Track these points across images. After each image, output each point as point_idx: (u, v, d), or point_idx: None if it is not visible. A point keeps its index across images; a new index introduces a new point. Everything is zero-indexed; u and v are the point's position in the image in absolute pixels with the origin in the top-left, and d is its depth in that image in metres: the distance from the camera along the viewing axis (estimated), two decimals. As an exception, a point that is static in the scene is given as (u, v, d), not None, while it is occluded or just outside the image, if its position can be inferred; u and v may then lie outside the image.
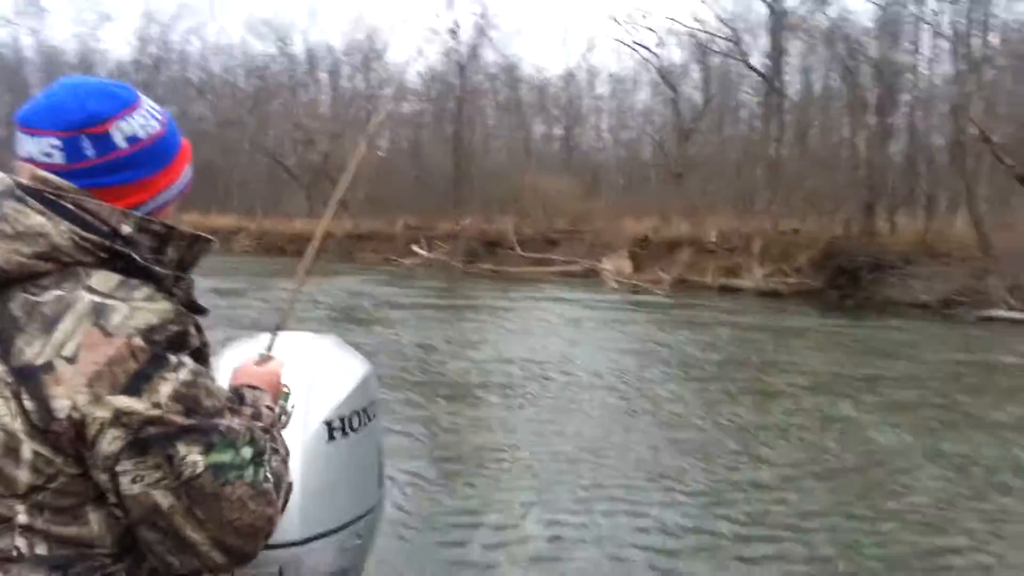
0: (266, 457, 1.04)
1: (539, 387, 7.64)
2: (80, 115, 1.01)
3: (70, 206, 0.97)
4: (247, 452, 1.00)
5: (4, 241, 0.94)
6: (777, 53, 28.18)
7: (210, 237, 1.12)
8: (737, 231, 23.26)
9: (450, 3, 37.43)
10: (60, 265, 0.95)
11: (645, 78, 39.61)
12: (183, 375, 0.95)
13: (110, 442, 0.91)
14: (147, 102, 1.10)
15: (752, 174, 29.19)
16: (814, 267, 19.92)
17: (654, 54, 34.59)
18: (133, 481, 0.93)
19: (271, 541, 1.44)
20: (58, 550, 0.94)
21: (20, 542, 0.93)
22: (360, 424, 1.70)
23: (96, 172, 1.01)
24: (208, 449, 0.96)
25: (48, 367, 0.91)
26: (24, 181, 0.98)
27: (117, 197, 1.02)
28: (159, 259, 1.03)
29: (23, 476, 0.92)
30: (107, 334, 0.92)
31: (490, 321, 13.06)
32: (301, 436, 1.57)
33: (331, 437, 1.63)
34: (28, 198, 0.96)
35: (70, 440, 0.92)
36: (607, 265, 23.00)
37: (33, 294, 0.94)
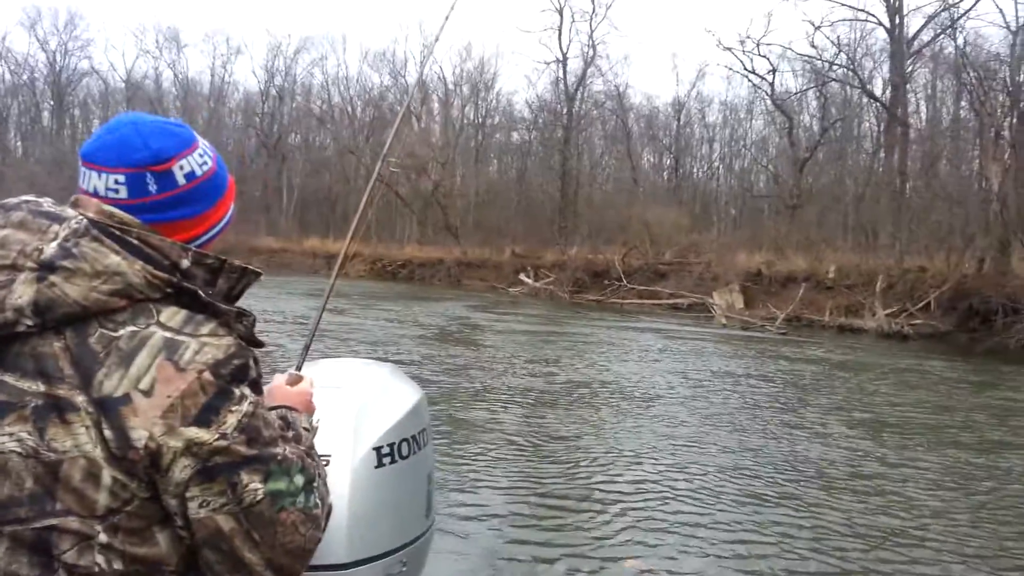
0: (316, 484, 1.12)
1: (641, 416, 7.50)
2: (145, 153, 1.08)
3: (135, 241, 1.05)
4: (299, 480, 1.08)
5: (84, 279, 1.00)
6: (900, 80, 27.01)
7: (258, 270, 1.19)
8: (857, 267, 22.26)
9: (559, 32, 37.74)
10: (132, 301, 1.02)
11: (759, 107, 38.83)
12: (246, 407, 1.03)
13: (181, 470, 0.99)
14: (202, 142, 1.17)
15: (874, 207, 27.90)
16: (942, 308, 18.79)
17: (768, 82, 33.86)
18: (200, 506, 1.01)
19: (319, 562, 1.45)
20: (131, 567, 1.01)
21: (100, 559, 1.00)
22: (410, 452, 1.71)
23: (159, 208, 1.09)
24: (267, 478, 1.04)
25: (126, 399, 0.98)
26: (92, 216, 1.05)
27: (175, 231, 1.11)
28: (208, 290, 1.10)
29: (102, 499, 0.99)
30: (179, 369, 1.00)
31: (594, 349, 12.98)
32: (350, 461, 1.60)
33: (380, 463, 1.64)
34: (105, 238, 1.03)
35: (145, 468, 0.99)
36: (717, 299, 22.46)
37: (109, 329, 1.01)
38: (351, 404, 1.68)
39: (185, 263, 1.08)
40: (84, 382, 0.99)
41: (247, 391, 1.05)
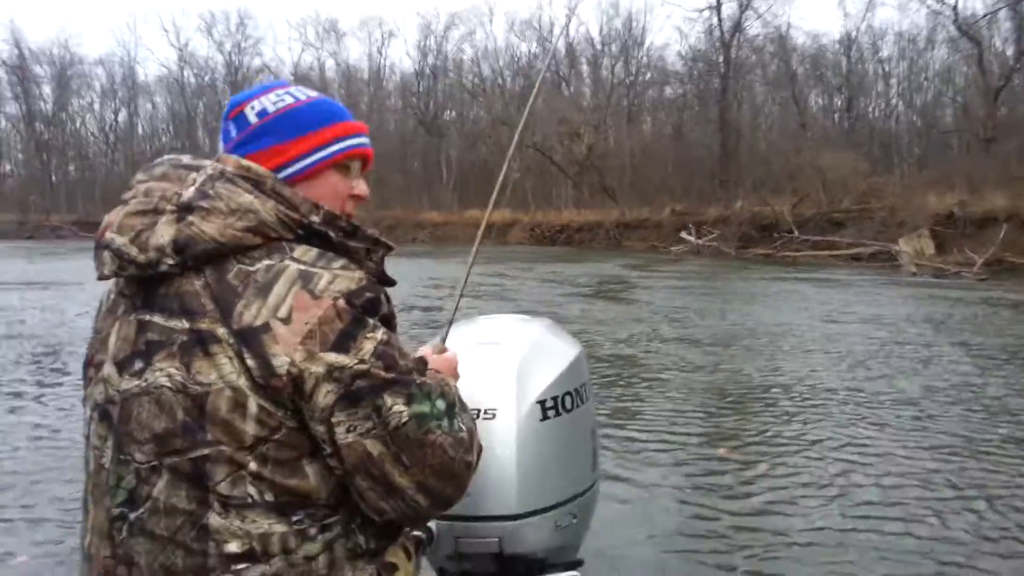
0: (457, 409, 1.11)
1: (835, 389, 6.85)
2: (227, 107, 1.20)
3: (269, 191, 1.09)
4: (441, 404, 1.08)
5: (220, 217, 1.04)
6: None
7: (391, 244, 1.20)
8: (1071, 201, 19.73)
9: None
10: (266, 239, 1.06)
11: (941, 35, 35.15)
12: (380, 335, 1.05)
13: (325, 395, 1.00)
14: (297, 89, 1.21)
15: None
16: None
17: (950, 5, 30.48)
18: (347, 431, 1.02)
19: (490, 513, 1.53)
20: (283, 498, 1.02)
21: (252, 490, 1.01)
22: (573, 405, 1.69)
23: (238, 147, 1.15)
24: (410, 400, 1.04)
25: (266, 327, 1.00)
26: (230, 168, 1.10)
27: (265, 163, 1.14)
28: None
29: (250, 428, 1.00)
30: (315, 297, 1.02)
31: (767, 308, 12.21)
32: (516, 415, 1.60)
33: (544, 417, 1.63)
34: (238, 179, 1.08)
35: (289, 394, 1.00)
36: (904, 246, 20.62)
37: (246, 265, 1.04)
38: (512, 359, 1.66)
39: (315, 218, 1.10)
40: (225, 315, 1.01)
41: (379, 323, 1.06)
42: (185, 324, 1.03)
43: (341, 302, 1.02)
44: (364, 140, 1.24)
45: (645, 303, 13.16)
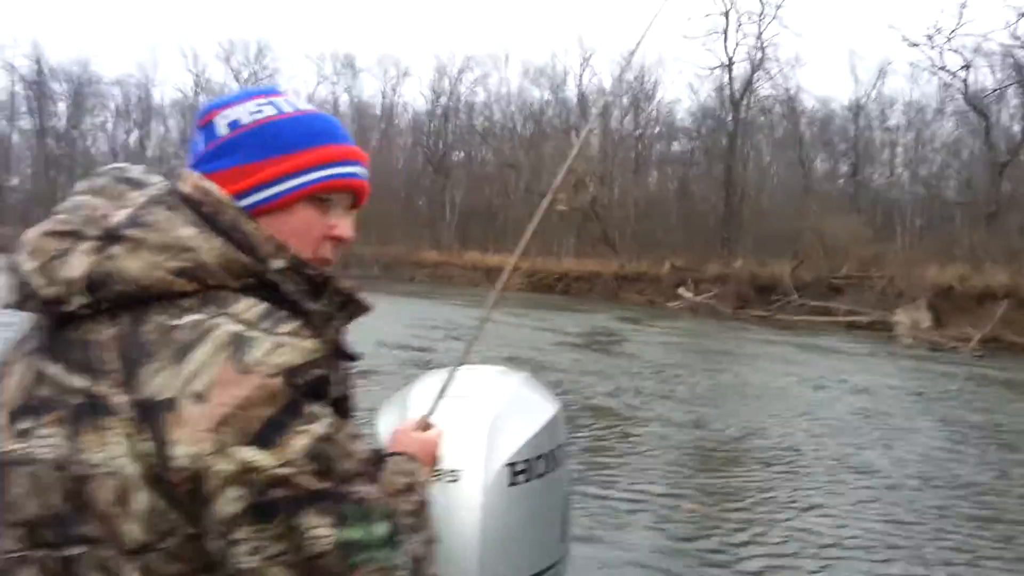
0: (402, 537, 0.87)
1: (812, 456, 6.62)
2: (199, 113, 0.98)
3: (226, 222, 0.88)
4: (381, 529, 0.84)
5: (149, 252, 0.83)
6: None
7: (368, 304, 0.98)
8: (1072, 282, 19.54)
9: (725, 36, 36.33)
10: (202, 286, 0.84)
11: (950, 107, 35.40)
12: (320, 428, 0.81)
13: (229, 502, 0.78)
14: (285, 99, 0.98)
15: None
16: None
17: (961, 79, 30.73)
18: (251, 553, 0.79)
19: None
20: None
21: None
22: (547, 469, 1.58)
23: (201, 163, 0.94)
24: (340, 522, 0.81)
25: (171, 404, 0.78)
26: (186, 189, 0.90)
27: (226, 186, 0.92)
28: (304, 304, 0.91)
29: (135, 530, 0.79)
30: (244, 371, 0.79)
31: (756, 371, 12.01)
32: (482, 478, 1.48)
33: (514, 481, 1.52)
34: (182, 207, 0.87)
35: (187, 493, 0.78)
36: (901, 317, 20.41)
37: (170, 316, 0.82)
38: (483, 416, 1.56)
39: (277, 263, 0.88)
40: (128, 378, 0.80)
41: (324, 410, 0.83)
42: (83, 383, 0.81)
43: (277, 380, 0.79)
44: (355, 170, 0.99)
45: (636, 357, 12.98)
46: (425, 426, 1.22)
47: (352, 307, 0.96)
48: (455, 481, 1.45)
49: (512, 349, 12.83)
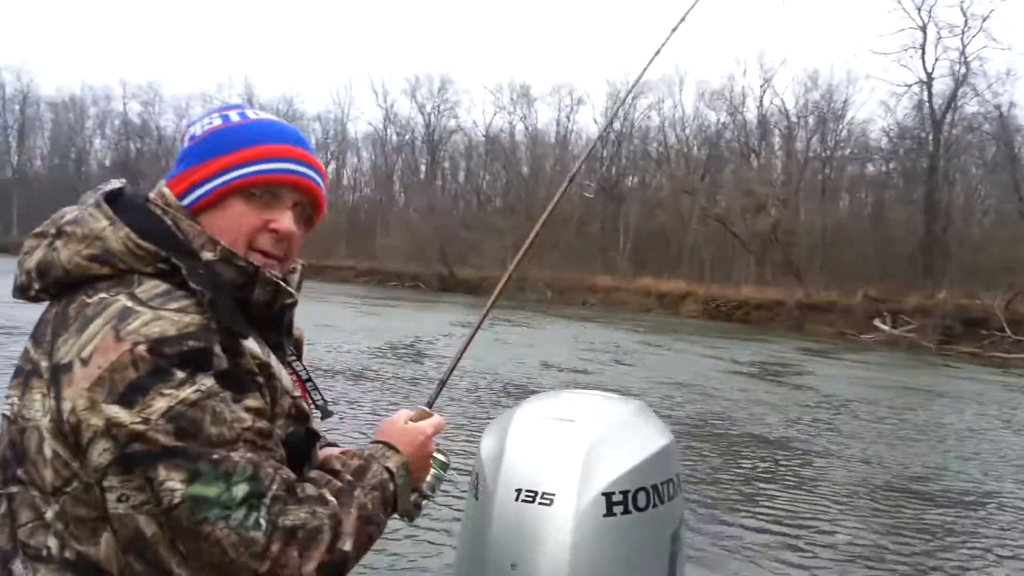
0: (267, 500, 0.91)
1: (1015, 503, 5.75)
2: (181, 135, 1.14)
3: (168, 222, 1.02)
4: (240, 490, 0.90)
5: (74, 244, 0.99)
6: None
7: (292, 292, 1.09)
8: None
9: (923, 51, 33.65)
10: (115, 271, 0.97)
11: None
12: (187, 393, 0.90)
13: (99, 453, 0.89)
14: (240, 112, 1.12)
15: None
16: None
17: None
18: (119, 500, 0.90)
19: None
20: (81, 561, 0.92)
21: (52, 542, 0.92)
22: (648, 503, 1.49)
23: (170, 173, 1.10)
24: (192, 478, 0.89)
25: (67, 367, 0.92)
26: (151, 195, 1.06)
27: (173, 189, 1.08)
28: (245, 296, 1.03)
29: (48, 475, 0.92)
30: (118, 339, 0.91)
31: (956, 411, 10.76)
32: (575, 505, 1.44)
33: (609, 512, 1.45)
34: (104, 205, 1.01)
35: (75, 444, 0.91)
36: None
37: (87, 296, 0.96)
38: (582, 440, 1.51)
39: (208, 255, 1.01)
40: (51, 347, 0.95)
41: (201, 378, 0.92)
42: (34, 354, 0.98)
43: (141, 348, 0.90)
44: (292, 167, 1.09)
45: (815, 390, 12.15)
46: (421, 416, 1.23)
47: (282, 296, 1.06)
48: (549, 505, 1.43)
49: (674, 375, 12.40)
